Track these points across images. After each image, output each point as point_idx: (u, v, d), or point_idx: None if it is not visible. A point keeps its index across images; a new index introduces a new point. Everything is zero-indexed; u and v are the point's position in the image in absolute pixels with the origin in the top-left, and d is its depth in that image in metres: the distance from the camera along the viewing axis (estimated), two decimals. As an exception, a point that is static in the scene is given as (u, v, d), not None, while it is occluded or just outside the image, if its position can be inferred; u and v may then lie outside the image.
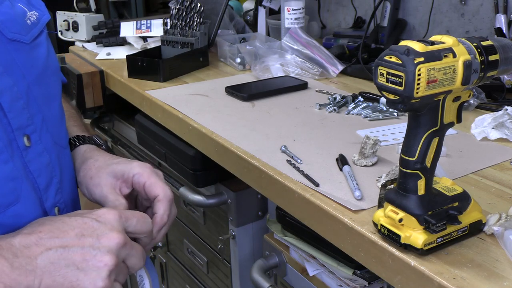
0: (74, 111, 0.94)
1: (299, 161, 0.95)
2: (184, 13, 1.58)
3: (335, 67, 1.48)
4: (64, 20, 1.94)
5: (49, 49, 0.76)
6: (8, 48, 0.67)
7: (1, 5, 0.68)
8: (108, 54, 1.75)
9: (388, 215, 0.68)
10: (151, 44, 1.74)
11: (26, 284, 0.57)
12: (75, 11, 2.01)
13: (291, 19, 1.63)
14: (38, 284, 0.58)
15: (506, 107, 1.05)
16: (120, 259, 0.62)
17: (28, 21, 0.72)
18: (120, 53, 1.75)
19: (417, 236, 0.66)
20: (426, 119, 0.65)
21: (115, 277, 0.62)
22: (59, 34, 1.98)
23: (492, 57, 0.65)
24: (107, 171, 0.76)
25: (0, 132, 0.63)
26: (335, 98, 1.25)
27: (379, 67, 0.63)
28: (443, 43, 0.63)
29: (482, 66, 0.64)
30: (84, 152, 0.81)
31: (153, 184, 0.74)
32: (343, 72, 1.48)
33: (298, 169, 0.91)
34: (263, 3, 1.87)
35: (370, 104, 1.22)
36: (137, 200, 0.80)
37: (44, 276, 0.58)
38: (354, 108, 1.21)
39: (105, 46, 1.83)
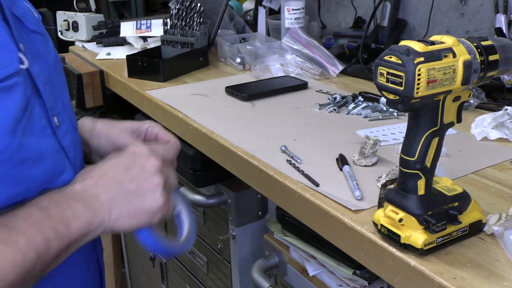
0: None
1: (299, 161, 0.95)
2: (184, 13, 1.58)
3: (335, 67, 1.48)
4: (64, 20, 1.94)
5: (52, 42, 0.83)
6: (31, 38, 0.73)
7: (18, 0, 0.74)
8: (108, 54, 1.75)
9: (388, 215, 0.68)
10: (151, 44, 1.74)
11: (100, 219, 0.66)
12: (75, 11, 2.01)
13: (291, 19, 1.63)
14: (109, 217, 0.67)
15: (506, 107, 1.05)
16: (165, 178, 0.71)
17: (36, 15, 0.78)
18: (120, 53, 1.75)
19: (417, 236, 0.66)
20: (426, 119, 0.65)
21: (166, 193, 0.71)
22: (59, 34, 1.98)
23: (492, 57, 0.65)
24: (120, 128, 0.84)
25: (41, 111, 0.70)
26: (335, 98, 1.25)
27: (379, 67, 0.63)
28: (443, 43, 0.63)
29: (482, 66, 0.64)
30: (87, 122, 0.88)
31: (165, 133, 0.84)
32: (343, 72, 1.48)
33: (298, 169, 0.91)
34: (263, 3, 1.87)
35: (370, 104, 1.22)
36: None
37: (111, 209, 0.67)
38: (354, 108, 1.21)
39: (105, 46, 1.83)
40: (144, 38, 1.82)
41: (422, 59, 0.60)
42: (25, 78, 0.67)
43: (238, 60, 1.57)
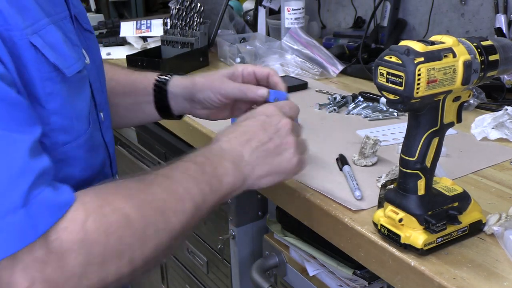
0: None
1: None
2: (184, 13, 1.58)
3: (335, 67, 1.48)
4: (64, 20, 1.94)
5: None
6: (85, 36, 0.77)
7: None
8: (108, 54, 1.75)
9: (388, 215, 0.68)
10: (151, 44, 1.74)
11: (244, 176, 0.71)
12: (75, 11, 2.01)
13: (291, 19, 1.63)
14: (252, 173, 0.72)
15: (506, 107, 1.05)
16: (296, 137, 0.76)
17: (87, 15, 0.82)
18: (120, 53, 1.75)
19: (417, 236, 0.66)
20: (426, 119, 0.65)
21: (300, 151, 0.76)
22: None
23: (492, 57, 0.65)
24: (220, 76, 0.88)
25: (92, 106, 0.73)
26: (335, 98, 1.25)
27: (379, 67, 0.63)
28: (443, 43, 0.63)
29: (482, 66, 0.64)
30: (183, 80, 0.93)
31: (260, 68, 0.88)
32: (343, 72, 1.48)
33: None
34: (263, 3, 1.87)
35: (370, 104, 1.22)
36: (234, 107, 0.92)
37: (255, 167, 0.72)
38: (354, 108, 1.21)
39: (105, 46, 1.83)
40: (144, 38, 1.82)
41: (422, 59, 0.60)
42: (87, 73, 0.71)
43: (238, 60, 1.57)
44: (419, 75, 0.60)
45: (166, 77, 0.94)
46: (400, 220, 0.67)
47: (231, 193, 0.70)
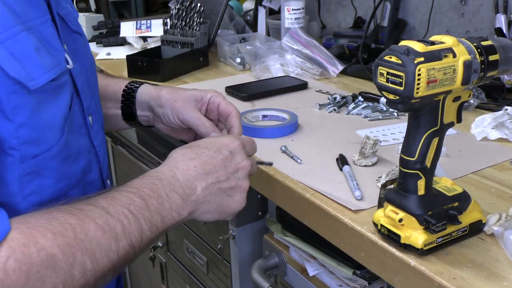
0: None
1: (299, 161, 0.95)
2: (184, 13, 1.58)
3: (335, 67, 1.48)
4: (64, 20, 1.94)
5: None
6: (73, 39, 0.75)
7: (61, 1, 0.74)
8: (108, 54, 1.75)
9: (388, 215, 0.68)
10: (151, 44, 1.74)
11: (191, 210, 0.68)
12: (75, 11, 2.01)
13: (291, 19, 1.63)
14: (198, 209, 0.69)
15: (506, 107, 1.05)
16: (248, 182, 0.74)
17: (75, 15, 0.80)
18: (120, 53, 1.75)
19: (417, 236, 0.66)
20: (426, 119, 0.65)
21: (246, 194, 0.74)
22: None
23: (492, 57, 0.65)
24: (187, 96, 0.86)
25: (79, 110, 0.72)
26: (335, 98, 1.25)
27: (379, 67, 0.63)
28: (443, 43, 0.63)
29: (482, 66, 0.64)
30: (150, 89, 0.91)
31: (227, 104, 0.86)
32: (343, 72, 1.48)
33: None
34: (263, 3, 1.87)
35: (370, 104, 1.22)
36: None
37: (203, 203, 0.70)
38: (354, 108, 1.21)
39: (105, 46, 1.83)
40: (144, 38, 1.82)
41: (422, 59, 0.60)
42: (69, 77, 0.69)
43: (238, 60, 1.57)
44: (419, 75, 0.60)
45: (136, 84, 0.92)
46: (400, 220, 0.67)
47: (173, 226, 0.67)
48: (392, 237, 0.69)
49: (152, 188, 0.66)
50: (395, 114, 1.16)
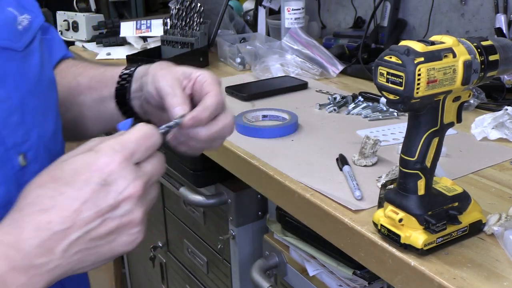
0: (94, 63, 0.88)
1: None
2: (184, 13, 1.58)
3: (335, 67, 1.48)
4: (64, 20, 1.95)
5: (43, 57, 0.69)
6: (0, 57, 0.61)
7: None
8: (108, 54, 1.75)
9: (388, 215, 0.68)
10: (151, 44, 1.74)
11: (47, 281, 0.50)
12: (75, 11, 2.02)
13: (291, 19, 1.63)
14: (64, 274, 0.51)
15: (506, 107, 1.05)
16: (144, 206, 0.53)
17: (20, 26, 0.65)
18: (120, 53, 1.75)
19: (417, 236, 0.66)
20: (426, 119, 0.65)
21: (145, 221, 0.54)
22: (59, 34, 1.98)
23: (492, 57, 0.65)
24: (176, 69, 0.72)
25: None
26: (335, 98, 1.25)
27: (379, 67, 0.63)
28: (443, 43, 0.63)
29: (482, 66, 0.64)
30: (146, 65, 0.77)
31: (210, 84, 0.70)
32: (343, 72, 1.48)
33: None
34: (263, 3, 1.87)
35: (370, 104, 1.22)
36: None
37: (70, 265, 0.50)
38: (354, 108, 1.21)
39: (105, 46, 1.83)
40: (144, 38, 1.82)
41: (422, 59, 0.60)
42: None
43: (238, 60, 1.57)
44: (419, 75, 0.60)
45: (136, 65, 0.79)
46: (400, 220, 0.67)
47: None
48: (392, 237, 0.69)
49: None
50: (395, 114, 1.17)
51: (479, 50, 0.64)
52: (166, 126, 0.63)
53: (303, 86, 1.37)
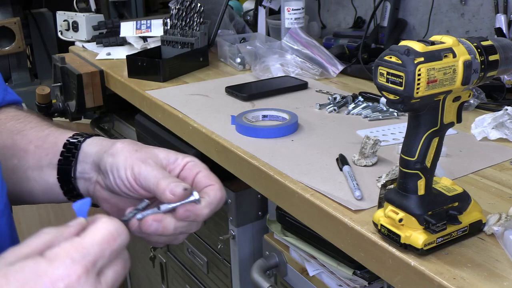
0: (40, 119, 0.73)
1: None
2: (184, 13, 1.58)
3: (335, 67, 1.48)
4: (64, 20, 1.94)
5: None
6: None
7: None
8: (108, 54, 1.75)
9: (388, 215, 0.68)
10: (151, 44, 1.74)
11: None
12: (75, 11, 2.01)
13: (291, 19, 1.63)
14: None
15: (506, 107, 1.05)
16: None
17: None
18: (120, 53, 1.75)
19: (417, 236, 0.66)
20: (426, 119, 0.65)
21: None
22: (59, 34, 1.98)
23: (492, 57, 0.65)
24: (154, 152, 0.62)
25: None
26: (335, 98, 1.25)
27: (379, 67, 0.63)
28: (443, 43, 0.63)
29: (482, 66, 0.64)
30: (102, 139, 0.66)
31: (208, 175, 0.62)
32: (343, 72, 1.48)
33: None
34: (263, 3, 1.87)
35: (370, 104, 1.22)
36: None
37: None
38: (354, 108, 1.21)
39: (105, 46, 1.83)
40: (144, 38, 1.82)
41: (422, 59, 0.60)
42: None
43: (238, 60, 1.57)
44: (419, 75, 0.60)
45: (86, 134, 0.68)
46: (400, 220, 0.67)
47: None
48: (392, 237, 0.69)
49: None
50: (395, 114, 1.17)
51: (479, 50, 0.64)
52: (134, 209, 0.55)
53: (303, 86, 1.37)
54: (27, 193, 0.68)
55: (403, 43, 0.62)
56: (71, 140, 0.66)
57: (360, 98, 1.25)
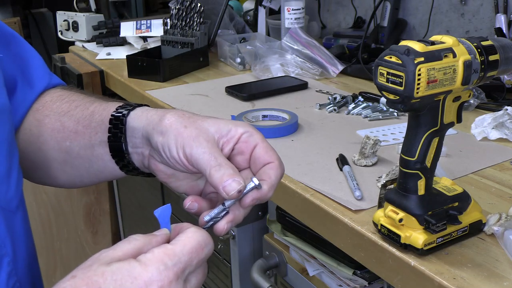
0: (83, 96, 0.72)
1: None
2: (184, 13, 1.58)
3: (335, 67, 1.48)
4: (64, 20, 1.94)
5: None
6: None
7: None
8: (108, 54, 1.75)
9: (388, 215, 0.68)
10: (151, 44, 1.74)
11: None
12: (75, 11, 2.01)
13: (291, 19, 1.63)
14: None
15: (506, 107, 1.05)
16: None
17: None
18: (120, 53, 1.75)
19: (417, 236, 0.66)
20: (426, 119, 0.65)
21: None
22: (59, 34, 1.98)
23: (492, 57, 0.65)
24: (204, 125, 0.58)
25: None
26: (335, 98, 1.25)
27: (379, 67, 0.63)
28: (443, 43, 0.63)
29: (482, 66, 0.64)
30: (147, 111, 0.63)
31: (267, 148, 0.58)
32: (343, 72, 1.48)
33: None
34: (263, 3, 1.87)
35: (370, 104, 1.22)
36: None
37: None
38: (354, 108, 1.21)
39: (105, 46, 1.83)
40: (144, 38, 1.82)
41: (422, 59, 0.60)
42: None
43: (238, 60, 1.57)
44: (419, 75, 0.60)
45: (129, 106, 0.65)
46: (400, 220, 0.67)
47: None
48: (392, 237, 0.69)
49: None
50: (395, 114, 1.17)
51: (479, 50, 0.64)
52: (213, 217, 0.57)
53: (303, 86, 1.37)
54: (85, 173, 0.69)
55: (403, 43, 0.62)
56: (116, 115, 0.64)
57: (360, 98, 1.25)
